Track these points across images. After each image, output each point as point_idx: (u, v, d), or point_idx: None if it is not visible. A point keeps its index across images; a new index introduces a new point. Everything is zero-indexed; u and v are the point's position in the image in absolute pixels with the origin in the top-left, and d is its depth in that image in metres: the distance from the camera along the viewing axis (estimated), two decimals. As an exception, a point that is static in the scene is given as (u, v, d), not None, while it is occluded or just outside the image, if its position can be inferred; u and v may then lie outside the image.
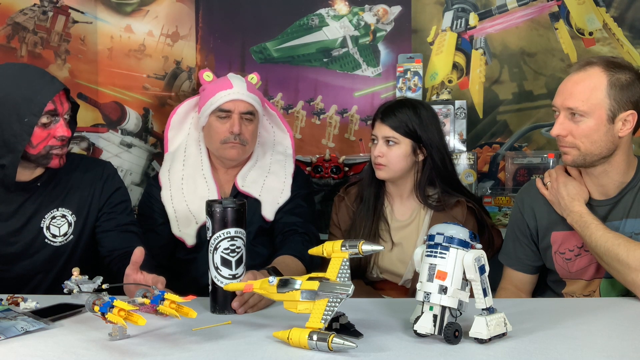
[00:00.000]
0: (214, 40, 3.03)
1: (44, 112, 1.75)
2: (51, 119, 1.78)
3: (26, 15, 2.88)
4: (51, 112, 1.77)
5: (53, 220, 1.91)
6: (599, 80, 1.72)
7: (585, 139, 1.74)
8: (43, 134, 1.78)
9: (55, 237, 1.91)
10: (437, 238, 1.34)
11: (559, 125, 1.77)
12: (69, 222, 1.93)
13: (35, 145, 1.78)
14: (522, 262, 1.98)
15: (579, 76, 1.75)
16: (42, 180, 1.88)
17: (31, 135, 1.75)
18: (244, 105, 2.13)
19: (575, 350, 1.29)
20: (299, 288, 1.35)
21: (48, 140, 1.79)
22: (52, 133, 1.79)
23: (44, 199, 1.90)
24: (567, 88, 1.76)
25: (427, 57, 2.99)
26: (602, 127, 1.73)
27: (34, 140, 1.77)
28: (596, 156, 1.76)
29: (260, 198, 2.15)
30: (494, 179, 2.98)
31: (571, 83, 1.76)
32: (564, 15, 2.94)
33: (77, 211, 1.94)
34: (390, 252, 2.17)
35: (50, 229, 1.90)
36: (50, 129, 1.79)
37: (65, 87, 1.82)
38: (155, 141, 3.03)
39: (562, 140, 1.78)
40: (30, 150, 1.78)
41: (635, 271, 1.65)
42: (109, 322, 1.32)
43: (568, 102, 1.74)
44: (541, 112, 2.96)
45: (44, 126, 1.77)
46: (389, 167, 2.12)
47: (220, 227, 1.56)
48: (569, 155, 1.78)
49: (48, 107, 1.76)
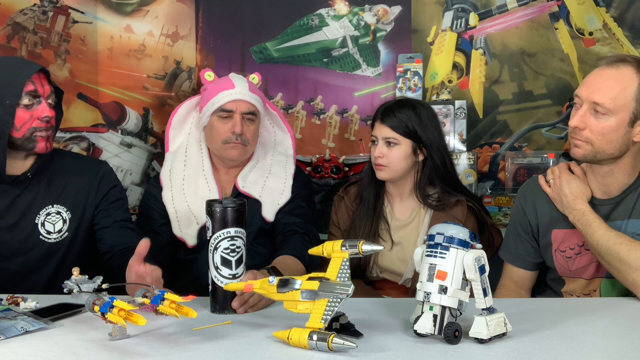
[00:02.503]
0: (214, 40, 3.03)
1: (25, 92, 1.78)
2: (33, 100, 1.81)
3: (26, 15, 2.88)
4: (32, 92, 1.80)
5: (48, 216, 1.92)
6: (631, 81, 1.68)
7: (601, 137, 1.71)
8: (26, 115, 1.80)
9: (49, 234, 1.92)
10: (437, 238, 1.34)
11: (579, 117, 1.72)
12: (63, 219, 1.94)
13: (19, 128, 1.80)
14: (523, 259, 1.98)
15: (610, 72, 1.70)
16: (32, 171, 1.89)
17: (14, 117, 1.78)
18: (246, 106, 2.13)
19: (575, 350, 1.29)
20: (299, 288, 1.35)
21: (32, 122, 1.81)
22: (35, 114, 1.82)
23: (38, 194, 1.92)
24: (597, 81, 1.71)
25: (427, 57, 2.99)
26: (621, 128, 1.70)
27: (17, 123, 1.79)
28: (607, 155, 1.74)
29: (261, 199, 2.15)
30: (494, 179, 2.97)
31: (602, 77, 1.70)
32: (564, 15, 2.94)
33: (72, 208, 1.96)
34: (390, 251, 2.17)
35: (45, 226, 1.92)
36: (33, 110, 1.81)
37: (44, 67, 1.85)
38: (155, 141, 3.03)
39: (577, 132, 1.74)
40: (14, 134, 1.80)
41: (636, 271, 1.65)
42: (109, 322, 1.32)
43: (595, 96, 1.69)
44: (541, 112, 2.96)
45: (26, 107, 1.80)
46: (389, 168, 2.12)
47: (220, 226, 1.56)
48: (581, 149, 1.75)
49: (28, 88, 1.79)
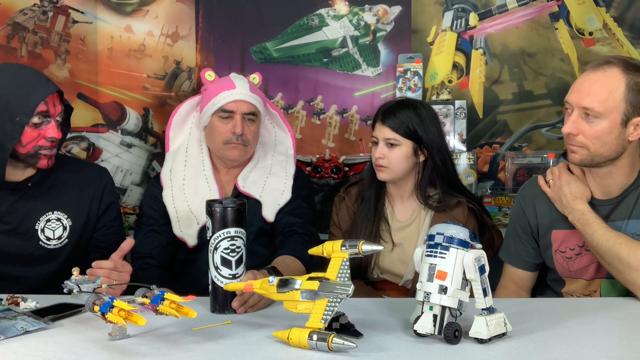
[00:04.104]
0: (214, 40, 3.03)
1: (36, 112, 1.77)
2: (43, 119, 1.80)
3: (26, 15, 2.88)
4: (43, 113, 1.79)
5: (48, 223, 1.91)
6: (618, 82, 1.67)
7: (596, 140, 1.71)
8: (33, 133, 1.79)
9: (49, 240, 1.91)
10: (437, 238, 1.34)
11: (571, 124, 1.72)
12: (64, 225, 1.93)
13: (25, 145, 1.79)
14: (523, 259, 1.98)
15: (596, 75, 1.70)
16: (33, 181, 1.89)
17: (21, 134, 1.77)
18: (247, 106, 2.13)
19: (575, 350, 1.29)
20: (299, 288, 1.35)
21: (38, 140, 1.81)
22: (42, 134, 1.81)
23: (37, 201, 1.90)
24: (584, 86, 1.71)
25: (427, 57, 2.99)
26: (614, 130, 1.69)
27: (24, 140, 1.79)
28: (604, 158, 1.74)
29: (261, 199, 2.15)
30: (494, 179, 2.98)
31: (589, 82, 1.70)
32: (564, 15, 2.94)
33: (73, 215, 1.95)
34: (391, 252, 2.17)
35: (44, 232, 1.90)
36: (41, 129, 1.80)
37: (59, 89, 1.84)
38: (155, 141, 3.03)
39: (572, 138, 1.74)
40: (19, 149, 1.80)
41: (636, 271, 1.65)
42: (109, 322, 1.32)
43: (584, 102, 1.69)
44: (541, 112, 2.96)
45: (35, 126, 1.79)
46: (390, 169, 2.12)
47: (220, 226, 1.55)
48: (577, 154, 1.75)
49: (40, 108, 1.78)
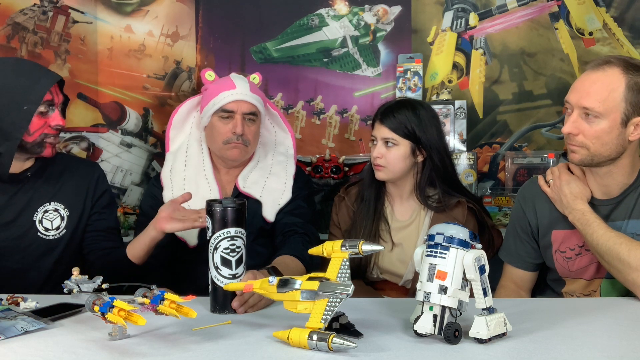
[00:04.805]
0: (214, 40, 3.03)
1: (43, 101, 1.84)
2: (48, 108, 1.87)
3: (26, 15, 2.88)
4: (49, 101, 1.86)
5: (46, 214, 1.94)
6: (618, 82, 1.67)
7: (596, 140, 1.71)
8: (40, 122, 1.86)
9: (47, 231, 1.94)
10: (437, 238, 1.34)
11: (571, 124, 1.73)
12: (61, 216, 1.96)
13: (32, 133, 1.85)
14: (523, 260, 1.98)
15: (596, 75, 1.70)
16: (32, 171, 1.93)
17: (29, 123, 1.83)
18: (247, 106, 2.13)
19: (575, 350, 1.29)
20: (299, 288, 1.34)
21: (44, 128, 1.87)
22: (48, 122, 1.87)
23: (35, 192, 1.94)
24: (584, 86, 1.71)
25: (427, 57, 2.99)
26: (614, 130, 1.69)
27: (32, 128, 1.84)
28: (604, 158, 1.74)
29: (261, 199, 2.15)
30: (494, 179, 2.98)
31: (589, 82, 1.70)
32: (564, 15, 2.94)
33: (70, 205, 1.98)
34: (391, 252, 2.17)
35: (42, 223, 1.94)
36: (47, 117, 1.87)
37: (61, 78, 1.91)
38: (155, 141, 3.03)
39: (572, 138, 1.74)
40: (26, 138, 1.85)
41: (636, 271, 1.65)
42: (109, 322, 1.32)
43: (584, 101, 1.69)
44: (541, 112, 2.96)
45: (41, 114, 1.85)
46: (387, 168, 2.12)
47: (220, 226, 1.55)
48: (577, 154, 1.75)
49: (46, 97, 1.84)
